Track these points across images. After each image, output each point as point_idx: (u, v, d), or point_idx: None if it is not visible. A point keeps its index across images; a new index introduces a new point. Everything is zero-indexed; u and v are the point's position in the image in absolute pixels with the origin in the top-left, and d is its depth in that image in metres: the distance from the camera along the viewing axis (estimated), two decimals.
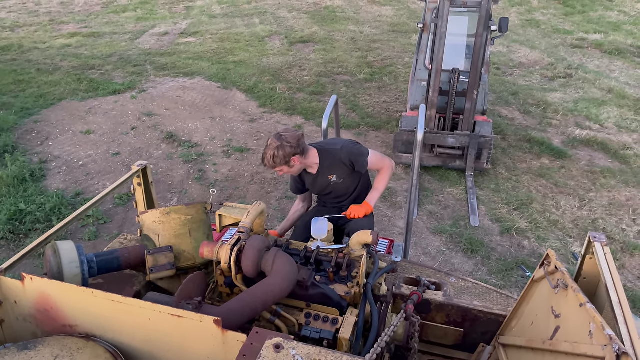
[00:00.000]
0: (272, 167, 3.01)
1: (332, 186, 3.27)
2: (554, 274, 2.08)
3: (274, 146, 2.97)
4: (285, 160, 2.99)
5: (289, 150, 2.96)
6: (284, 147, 2.96)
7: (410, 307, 2.32)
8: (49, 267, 2.16)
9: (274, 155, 2.96)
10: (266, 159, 3.00)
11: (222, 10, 14.09)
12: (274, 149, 2.96)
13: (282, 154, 2.95)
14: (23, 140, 6.82)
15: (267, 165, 3.04)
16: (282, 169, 3.05)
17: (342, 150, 3.15)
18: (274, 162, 2.98)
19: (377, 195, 3.28)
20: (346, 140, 3.29)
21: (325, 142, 3.34)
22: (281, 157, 2.96)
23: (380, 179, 3.28)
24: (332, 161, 3.17)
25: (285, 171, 3.09)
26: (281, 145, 2.96)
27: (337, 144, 3.24)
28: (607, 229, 5.19)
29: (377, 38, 11.43)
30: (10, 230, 4.94)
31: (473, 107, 5.82)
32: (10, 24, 12.84)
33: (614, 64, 9.91)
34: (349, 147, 3.19)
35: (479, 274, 4.59)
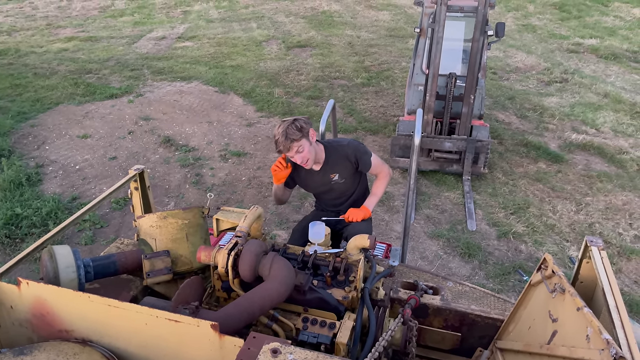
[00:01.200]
0: (295, 139, 2.83)
1: (332, 185, 3.23)
2: (551, 278, 2.08)
3: (289, 121, 2.87)
4: (305, 131, 2.87)
5: (306, 122, 2.90)
6: (299, 119, 2.89)
7: (408, 311, 2.32)
8: (45, 271, 2.15)
9: (294, 127, 2.83)
10: (287, 132, 2.82)
11: (219, 14, 14.11)
12: (292, 122, 2.86)
13: (301, 123, 2.86)
14: (19, 145, 6.81)
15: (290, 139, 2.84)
16: (302, 143, 2.88)
17: (348, 147, 3.11)
18: (298, 130, 2.82)
19: (375, 200, 3.26)
20: (351, 139, 3.25)
21: (330, 140, 3.30)
22: (302, 125, 2.85)
23: (379, 185, 3.26)
24: (338, 157, 3.13)
25: (306, 149, 2.91)
26: (296, 118, 2.89)
27: (343, 140, 3.21)
28: (603, 233, 5.20)
29: (374, 42, 11.46)
30: (6, 235, 4.92)
31: (470, 112, 5.83)
32: (7, 28, 12.83)
33: (609, 69, 9.96)
34: (354, 144, 3.16)
35: (476, 278, 4.59)
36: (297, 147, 2.87)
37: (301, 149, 2.88)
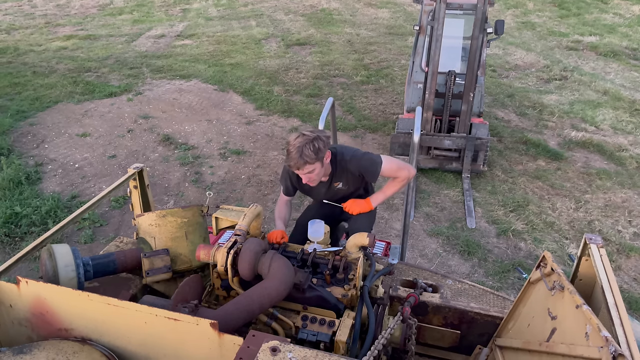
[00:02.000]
0: (312, 161, 2.64)
1: (336, 191, 3.10)
2: (550, 275, 2.08)
3: (309, 138, 2.62)
4: (322, 154, 2.67)
5: (326, 142, 2.69)
6: (321, 137, 2.65)
7: (407, 309, 2.32)
8: (44, 270, 2.15)
9: (314, 147, 2.60)
10: (304, 153, 2.60)
11: (218, 12, 14.09)
12: (312, 140, 2.61)
13: (321, 145, 2.63)
14: (19, 143, 6.80)
15: (304, 161, 2.63)
16: (314, 167, 2.69)
17: (351, 162, 2.91)
18: (314, 154, 2.61)
19: (381, 197, 3.09)
20: (355, 151, 2.99)
21: (336, 150, 3.03)
22: (321, 147, 2.63)
23: (390, 185, 3.06)
24: (343, 171, 2.96)
25: (316, 172, 2.73)
26: (317, 136, 2.64)
27: (346, 153, 2.96)
28: (603, 230, 5.20)
29: (374, 40, 11.45)
30: (6, 234, 4.92)
31: (469, 109, 5.83)
32: (6, 26, 12.80)
33: (609, 66, 9.95)
34: (358, 159, 2.93)
35: (475, 276, 4.60)
36: (309, 169, 2.69)
37: (312, 171, 2.71)
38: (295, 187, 3.10)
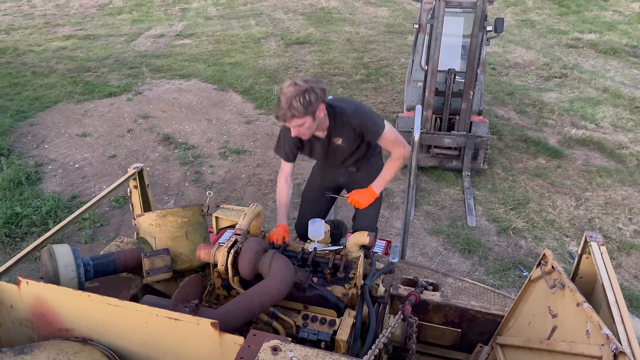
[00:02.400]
0: (300, 115, 2.44)
1: (335, 148, 2.92)
2: (551, 273, 2.08)
3: (301, 89, 2.41)
4: (315, 107, 2.45)
5: (320, 94, 2.46)
6: (314, 89, 2.43)
7: (408, 308, 2.32)
8: (45, 270, 2.15)
9: (303, 100, 2.39)
10: (292, 106, 2.40)
11: (217, 11, 14.08)
12: (303, 92, 2.40)
13: (313, 97, 2.42)
14: (19, 144, 6.80)
15: (292, 114, 2.43)
16: (305, 120, 2.49)
17: (353, 116, 2.71)
18: (304, 107, 2.41)
19: (382, 183, 2.96)
20: (358, 105, 2.78)
21: (335, 102, 2.81)
22: (312, 100, 2.42)
23: (389, 167, 2.93)
24: (342, 125, 2.76)
25: (306, 127, 2.54)
26: (310, 87, 2.42)
27: (348, 107, 2.75)
28: (603, 228, 5.20)
29: (373, 39, 11.44)
30: (6, 234, 4.92)
31: (469, 108, 5.83)
32: (5, 26, 12.80)
33: (609, 64, 9.95)
34: (362, 113, 2.73)
35: (476, 274, 4.60)
36: (297, 123, 2.51)
37: (302, 124, 2.52)
38: (297, 148, 2.91)
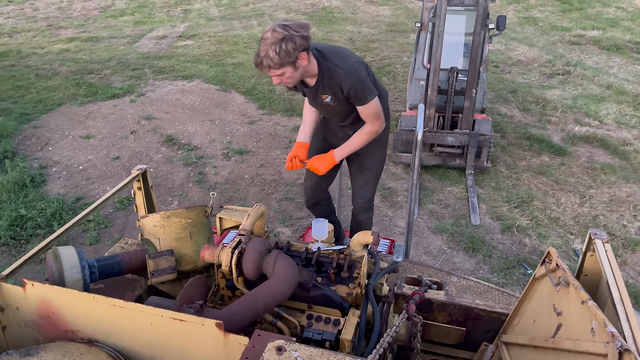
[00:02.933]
0: (276, 66, 2.40)
1: (324, 105, 2.87)
2: (555, 271, 2.08)
3: (278, 37, 2.33)
4: (293, 57, 2.37)
5: (300, 42, 2.37)
6: (293, 37, 2.34)
7: (412, 307, 2.32)
8: (50, 272, 2.16)
9: (280, 49, 2.32)
10: (267, 55, 2.34)
11: (219, 12, 14.10)
12: (279, 42, 2.33)
13: (291, 46, 2.33)
14: (23, 146, 6.82)
15: (267, 65, 2.38)
16: (285, 70, 2.43)
17: (345, 77, 2.59)
18: (279, 57, 2.34)
19: (346, 150, 2.90)
20: (356, 62, 2.62)
21: (330, 52, 2.66)
22: (290, 50, 2.34)
23: (358, 138, 2.86)
24: (331, 82, 2.67)
25: (287, 76, 2.48)
26: (289, 35, 2.33)
27: (343, 65, 2.60)
28: (608, 225, 5.18)
29: (375, 38, 11.43)
30: (12, 236, 4.94)
31: (472, 106, 5.82)
32: (8, 29, 12.84)
33: (612, 60, 9.91)
34: (355, 75, 2.59)
35: (480, 273, 4.59)
36: (277, 73, 2.46)
37: (282, 74, 2.47)
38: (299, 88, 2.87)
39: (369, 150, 3.17)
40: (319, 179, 3.45)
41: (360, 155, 3.24)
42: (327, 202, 3.71)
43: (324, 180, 3.48)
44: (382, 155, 3.29)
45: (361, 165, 3.32)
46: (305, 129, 3.03)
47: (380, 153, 3.26)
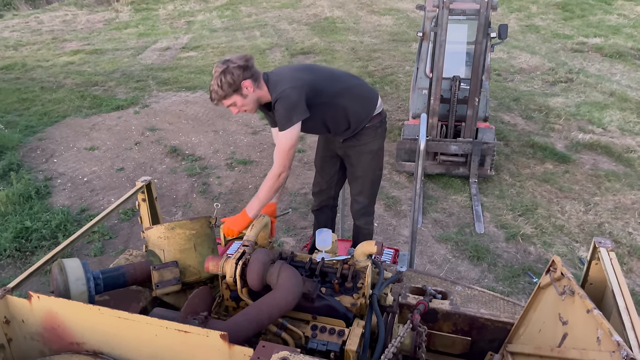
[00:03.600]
0: (222, 97, 2.61)
1: None
2: (560, 280, 2.07)
3: (219, 70, 2.57)
4: (235, 87, 2.58)
5: (238, 72, 2.57)
6: (231, 70, 2.56)
7: (417, 316, 2.32)
8: (55, 285, 2.17)
9: (221, 82, 2.55)
10: (213, 89, 2.58)
11: (222, 23, 14.20)
12: (220, 75, 2.56)
13: (229, 78, 2.56)
14: (28, 158, 6.87)
15: (216, 98, 2.60)
16: (234, 100, 2.63)
17: (276, 102, 2.70)
18: (222, 89, 2.56)
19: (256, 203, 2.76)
20: (289, 88, 2.68)
21: (276, 76, 2.79)
22: (229, 81, 2.56)
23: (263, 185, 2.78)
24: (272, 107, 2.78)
25: (239, 104, 2.67)
26: (227, 68, 2.56)
27: (279, 88, 2.69)
28: (613, 232, 5.16)
29: (377, 47, 11.48)
30: (17, 248, 4.96)
31: (475, 114, 5.83)
32: (14, 42, 12.97)
33: (614, 67, 9.92)
34: (283, 100, 2.66)
35: (485, 282, 4.58)
36: (227, 103, 2.67)
37: (232, 104, 2.67)
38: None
39: (358, 159, 3.27)
40: (326, 186, 3.58)
41: (353, 165, 3.33)
42: (332, 210, 3.78)
43: (331, 186, 3.59)
44: (375, 163, 3.33)
45: (354, 175, 3.39)
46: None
47: (371, 162, 3.29)
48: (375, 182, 3.42)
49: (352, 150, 3.27)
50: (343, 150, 3.33)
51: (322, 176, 3.59)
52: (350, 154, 3.31)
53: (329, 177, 3.57)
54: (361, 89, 3.13)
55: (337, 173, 3.55)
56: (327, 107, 2.94)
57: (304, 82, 2.79)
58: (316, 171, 3.62)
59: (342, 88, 3.01)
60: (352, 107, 3.03)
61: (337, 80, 3.02)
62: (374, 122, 3.17)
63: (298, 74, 2.87)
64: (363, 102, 3.10)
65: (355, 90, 3.08)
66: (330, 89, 2.94)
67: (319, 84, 2.88)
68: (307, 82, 2.80)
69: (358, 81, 3.20)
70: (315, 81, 2.87)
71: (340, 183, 3.66)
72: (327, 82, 2.96)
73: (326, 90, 2.91)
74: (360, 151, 3.23)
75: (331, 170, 3.55)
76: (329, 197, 3.67)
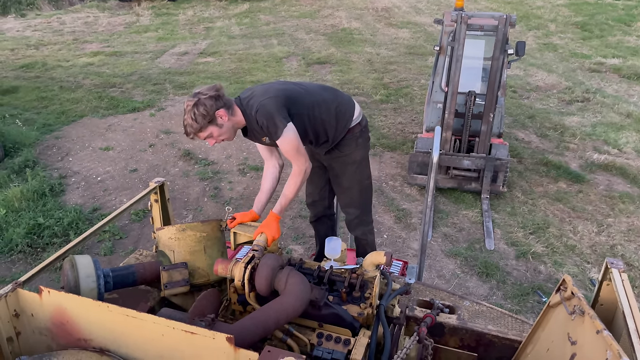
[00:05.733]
0: (197, 130, 2.59)
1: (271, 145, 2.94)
2: (570, 299, 2.05)
3: (191, 105, 2.55)
4: (209, 118, 2.56)
5: (210, 103, 2.56)
6: (202, 101, 2.54)
7: (424, 329, 2.30)
8: (66, 280, 2.19)
9: (195, 114, 2.53)
10: (187, 123, 2.56)
11: (240, 31, 14.33)
12: (193, 108, 2.54)
13: (202, 110, 2.54)
14: (44, 156, 6.96)
15: (191, 132, 2.59)
16: (210, 131, 2.62)
17: (257, 115, 2.69)
18: (197, 122, 2.54)
19: (283, 201, 2.90)
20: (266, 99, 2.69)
21: (249, 97, 2.78)
22: (203, 113, 2.54)
23: (289, 183, 2.89)
24: (255, 125, 2.77)
25: (216, 135, 2.65)
26: (199, 100, 2.55)
27: (256, 103, 2.69)
28: (625, 255, 5.10)
29: (394, 60, 11.51)
30: (28, 244, 5.01)
31: (489, 130, 5.81)
32: (35, 42, 13.20)
33: (632, 89, 9.83)
34: (263, 110, 2.66)
35: (493, 298, 4.53)
36: (203, 136, 2.66)
37: (209, 135, 2.67)
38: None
39: (343, 171, 3.27)
40: (318, 197, 3.60)
41: (338, 177, 3.33)
42: (330, 219, 3.79)
43: (324, 197, 3.61)
44: (360, 174, 3.30)
45: (341, 186, 3.38)
46: (261, 198, 3.11)
47: (355, 172, 3.28)
48: (364, 192, 3.41)
49: (335, 161, 3.27)
50: (327, 162, 3.34)
51: (313, 187, 3.60)
52: (334, 166, 3.31)
53: (320, 188, 3.58)
54: (335, 101, 3.08)
55: (328, 183, 3.55)
56: (306, 118, 2.92)
57: (278, 92, 2.80)
58: (307, 182, 3.54)
59: (315, 101, 2.99)
60: (328, 120, 3.03)
61: (310, 93, 3.00)
62: (353, 132, 3.15)
63: (271, 87, 2.88)
64: (337, 114, 3.07)
65: (328, 102, 3.04)
66: (305, 100, 2.93)
67: (293, 93, 2.88)
68: (281, 92, 2.81)
69: (331, 93, 3.13)
70: (289, 91, 2.87)
71: (333, 192, 3.66)
72: (301, 94, 2.95)
73: (302, 100, 2.91)
74: (344, 162, 3.23)
75: (321, 181, 3.55)
76: (324, 208, 3.69)
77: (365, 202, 3.47)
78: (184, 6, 17.38)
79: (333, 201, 3.76)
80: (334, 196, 3.73)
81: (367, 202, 3.50)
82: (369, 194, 3.47)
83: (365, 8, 16.55)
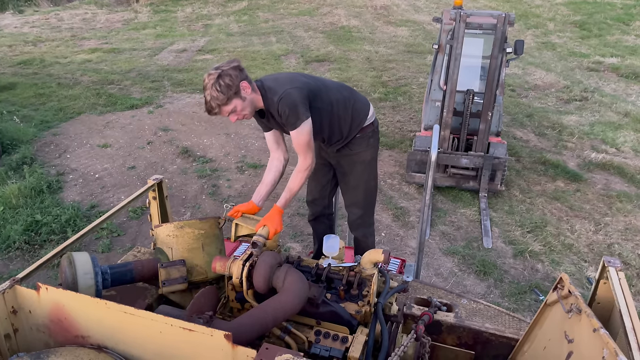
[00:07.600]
0: (223, 102, 2.52)
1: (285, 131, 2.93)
2: (568, 298, 2.06)
3: (214, 76, 2.48)
4: (235, 89, 2.50)
5: (235, 73, 2.51)
6: (226, 72, 2.49)
7: (421, 327, 2.31)
8: (64, 277, 2.18)
9: (220, 86, 2.46)
10: (212, 97, 2.48)
11: (239, 28, 14.31)
12: (217, 80, 2.47)
13: (227, 80, 2.48)
14: (41, 153, 6.94)
15: (216, 105, 2.51)
16: (234, 104, 2.56)
17: (279, 102, 2.67)
18: (223, 93, 2.47)
19: (287, 196, 2.88)
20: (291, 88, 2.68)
21: (271, 81, 2.77)
22: (228, 83, 2.48)
23: (294, 178, 2.88)
24: (273, 110, 2.75)
25: (240, 109, 2.60)
26: (223, 72, 2.49)
27: (278, 91, 2.67)
28: (622, 254, 5.11)
29: (392, 58, 11.51)
30: (26, 241, 5.01)
31: (487, 128, 5.81)
32: (33, 38, 13.16)
33: (630, 88, 9.85)
34: (287, 99, 2.65)
35: (491, 297, 4.54)
36: (228, 110, 2.58)
37: (233, 109, 2.59)
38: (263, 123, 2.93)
39: (351, 169, 3.28)
40: (319, 195, 3.60)
41: (346, 175, 3.34)
42: (328, 218, 3.79)
43: (324, 195, 3.60)
44: (368, 174, 3.32)
45: (347, 184, 3.39)
46: (261, 190, 3.05)
47: (364, 172, 3.29)
48: (370, 193, 3.41)
49: (344, 159, 3.28)
50: (336, 159, 3.34)
51: (315, 185, 3.60)
52: (343, 164, 3.31)
53: (322, 186, 3.57)
54: (352, 99, 3.11)
55: (330, 182, 3.55)
56: (324, 112, 2.94)
57: (303, 84, 2.80)
58: (309, 179, 3.52)
59: (335, 98, 3.01)
60: (345, 117, 3.06)
61: (329, 89, 3.02)
62: (365, 132, 3.18)
63: (296, 77, 2.88)
64: (353, 112, 3.10)
65: (346, 100, 3.07)
66: (324, 95, 2.95)
67: (315, 87, 2.90)
68: (305, 84, 2.82)
69: (349, 91, 3.16)
70: (312, 85, 2.88)
71: (334, 191, 3.68)
72: (322, 90, 2.97)
73: (322, 95, 2.93)
74: (353, 161, 3.25)
75: (323, 180, 3.54)
76: (323, 207, 3.69)
77: (369, 203, 3.46)
78: (183, 3, 17.35)
79: (332, 201, 3.76)
80: (334, 196, 3.74)
81: (371, 204, 3.49)
82: (373, 196, 3.47)
83: (364, 6, 16.53)
